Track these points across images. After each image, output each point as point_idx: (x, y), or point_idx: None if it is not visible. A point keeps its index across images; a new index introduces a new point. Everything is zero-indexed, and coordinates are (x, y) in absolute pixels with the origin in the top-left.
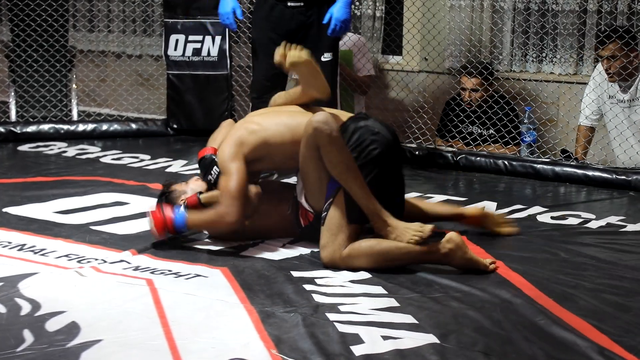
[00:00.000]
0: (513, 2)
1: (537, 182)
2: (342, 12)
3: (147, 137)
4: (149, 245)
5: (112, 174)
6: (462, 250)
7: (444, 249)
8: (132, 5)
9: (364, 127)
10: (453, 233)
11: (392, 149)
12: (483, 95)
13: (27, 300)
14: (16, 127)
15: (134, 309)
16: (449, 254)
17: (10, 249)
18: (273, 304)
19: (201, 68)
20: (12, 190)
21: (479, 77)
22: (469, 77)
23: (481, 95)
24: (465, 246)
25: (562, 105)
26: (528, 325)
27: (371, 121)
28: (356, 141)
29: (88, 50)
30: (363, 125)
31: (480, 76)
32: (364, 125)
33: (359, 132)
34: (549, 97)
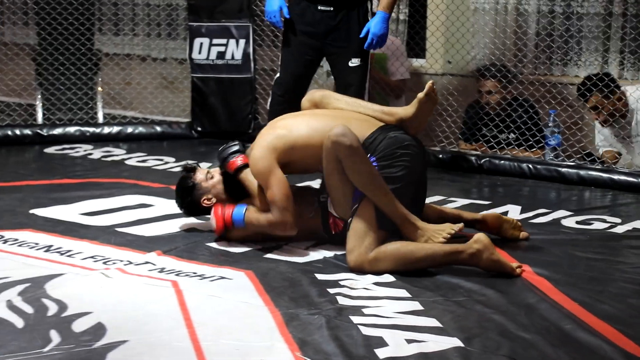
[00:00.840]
0: (537, 5)
1: (561, 186)
2: (379, 27)
3: (171, 139)
4: (174, 247)
5: (137, 176)
6: (490, 251)
7: (471, 250)
8: (157, 9)
9: (393, 137)
10: (481, 234)
11: (419, 160)
12: (502, 98)
13: (54, 301)
14: (43, 129)
15: (159, 310)
16: (476, 254)
17: (37, 250)
18: (297, 307)
19: (225, 71)
20: (38, 192)
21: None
22: (485, 79)
23: (500, 98)
24: (493, 247)
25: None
26: (553, 330)
27: (400, 132)
28: (384, 151)
29: (113, 53)
30: (392, 135)
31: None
32: (394, 136)
33: (388, 143)
34: (574, 100)
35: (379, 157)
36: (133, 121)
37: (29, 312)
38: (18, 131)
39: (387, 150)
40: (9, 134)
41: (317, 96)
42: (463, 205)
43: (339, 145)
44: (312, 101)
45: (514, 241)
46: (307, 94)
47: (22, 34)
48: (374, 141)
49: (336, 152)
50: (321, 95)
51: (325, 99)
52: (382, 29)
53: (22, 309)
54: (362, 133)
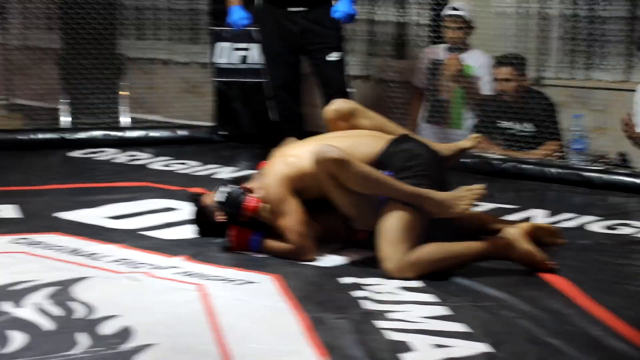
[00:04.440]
0: (560, 9)
1: (587, 190)
2: (346, 5)
3: (195, 143)
4: (200, 251)
5: (161, 180)
6: (522, 241)
7: (504, 241)
8: (180, 14)
9: (406, 150)
10: (511, 226)
11: (435, 166)
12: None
13: (82, 304)
14: (67, 133)
15: (186, 313)
16: (509, 245)
17: (64, 253)
18: (323, 311)
19: (248, 75)
20: (63, 195)
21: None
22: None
23: (516, 86)
24: (524, 237)
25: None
26: (581, 336)
27: (412, 143)
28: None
29: (137, 57)
30: (405, 148)
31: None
32: (406, 149)
33: (401, 155)
34: (598, 104)
35: (397, 171)
36: (157, 125)
37: (56, 314)
38: (43, 135)
39: (402, 164)
40: (34, 138)
41: (345, 109)
42: (488, 210)
43: (324, 164)
44: (339, 112)
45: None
46: (333, 103)
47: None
48: (387, 156)
49: (325, 171)
50: (350, 109)
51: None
52: (349, 8)
53: (50, 312)
54: (373, 149)
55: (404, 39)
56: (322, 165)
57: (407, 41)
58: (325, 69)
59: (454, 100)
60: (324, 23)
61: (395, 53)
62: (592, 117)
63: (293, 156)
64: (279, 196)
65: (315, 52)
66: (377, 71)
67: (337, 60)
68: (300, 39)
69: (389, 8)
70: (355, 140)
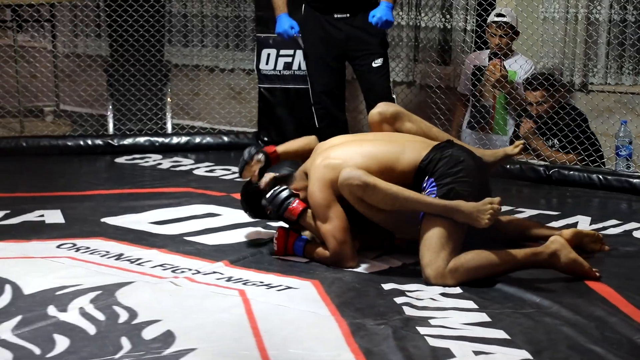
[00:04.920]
0: (609, 14)
1: (633, 197)
2: (383, 11)
3: (238, 149)
4: (242, 256)
5: (205, 185)
6: (567, 250)
7: (549, 250)
8: (225, 21)
9: (448, 156)
10: (557, 235)
11: (477, 173)
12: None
13: (125, 309)
14: (113, 139)
15: (227, 319)
16: (554, 254)
17: (108, 258)
18: (363, 317)
19: (292, 82)
20: (109, 201)
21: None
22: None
23: (549, 107)
24: (569, 246)
25: None
26: (625, 343)
27: (455, 149)
28: (442, 172)
29: (182, 64)
30: (448, 154)
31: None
32: (449, 154)
33: (444, 162)
34: None
35: (437, 178)
36: (201, 131)
37: (100, 319)
38: (90, 141)
39: (444, 171)
40: (82, 144)
41: (389, 112)
42: (531, 216)
43: (351, 188)
44: (383, 115)
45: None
46: (377, 107)
47: (94, 46)
48: (429, 162)
49: (353, 194)
50: (394, 112)
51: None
52: (387, 14)
53: (94, 316)
54: (417, 155)
55: (449, 45)
56: (349, 190)
57: (452, 47)
58: (368, 75)
59: (497, 106)
60: (368, 29)
61: (440, 59)
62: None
63: (337, 159)
64: (323, 202)
65: (359, 59)
66: (421, 77)
67: (380, 66)
68: (345, 46)
69: (434, 14)
70: (398, 145)
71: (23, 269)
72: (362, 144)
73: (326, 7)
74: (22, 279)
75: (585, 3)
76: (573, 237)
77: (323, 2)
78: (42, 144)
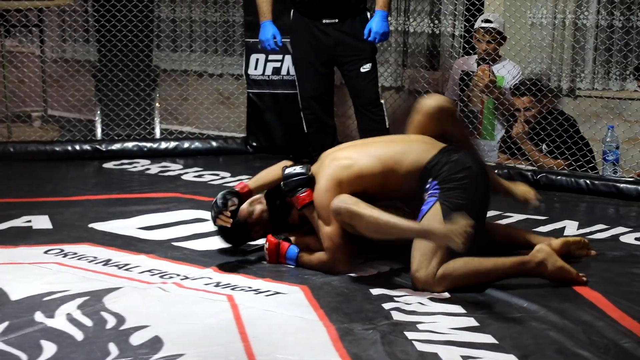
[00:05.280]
0: (596, 20)
1: (620, 202)
2: (380, 25)
3: (227, 154)
4: (230, 261)
5: (193, 191)
6: (553, 258)
7: (535, 259)
8: (214, 26)
9: (454, 161)
10: (543, 244)
11: (480, 182)
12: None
13: (112, 314)
14: (101, 145)
15: (215, 324)
16: (541, 262)
17: (96, 263)
18: (351, 322)
19: (281, 87)
20: (97, 206)
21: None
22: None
23: (537, 112)
24: (555, 255)
25: None
26: (612, 348)
27: (463, 155)
28: (446, 176)
29: (171, 69)
30: (454, 159)
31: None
32: (455, 159)
33: (450, 167)
34: (633, 115)
35: (441, 181)
36: (189, 136)
37: (88, 325)
38: (78, 146)
39: (449, 175)
40: (69, 150)
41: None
42: (519, 221)
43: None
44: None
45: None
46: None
47: (82, 51)
48: (435, 165)
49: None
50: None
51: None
52: (384, 27)
53: (81, 322)
54: (423, 156)
55: (438, 50)
56: (339, 219)
57: (440, 52)
58: (357, 80)
59: (485, 111)
60: (357, 35)
61: (429, 64)
62: (627, 128)
63: (347, 159)
64: (327, 203)
65: (347, 64)
66: (410, 82)
67: (368, 72)
68: (333, 51)
69: (423, 19)
70: (403, 145)
71: (10, 274)
72: (366, 145)
73: (315, 13)
74: (9, 284)
75: (572, 9)
76: (562, 247)
77: (311, 8)
78: (30, 150)
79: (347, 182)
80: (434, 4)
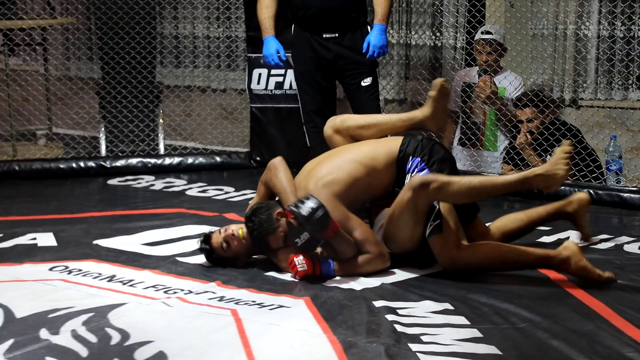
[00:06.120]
0: (597, 30)
1: (623, 211)
2: (378, 38)
3: (231, 169)
4: (233, 276)
5: (198, 206)
6: (578, 257)
7: (561, 256)
8: (217, 42)
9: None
10: (570, 241)
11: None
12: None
13: (117, 330)
14: (106, 161)
15: (219, 338)
16: (566, 260)
17: (101, 280)
18: (355, 334)
19: (283, 101)
20: (102, 223)
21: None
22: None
23: (540, 123)
24: (581, 254)
25: None
26: (615, 357)
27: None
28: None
29: (174, 85)
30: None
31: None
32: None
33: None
34: (636, 124)
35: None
36: (193, 152)
37: (92, 341)
38: (82, 163)
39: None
40: (74, 167)
41: (337, 122)
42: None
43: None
44: (333, 128)
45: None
46: (327, 123)
47: (86, 69)
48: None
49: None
50: (341, 120)
51: (345, 123)
52: (382, 40)
53: (86, 338)
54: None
55: (440, 62)
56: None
57: (443, 64)
58: (358, 94)
59: (487, 122)
60: (357, 49)
61: (431, 76)
62: (630, 138)
63: (329, 174)
64: (342, 216)
65: (348, 78)
66: (412, 94)
67: (369, 85)
68: (334, 65)
69: (425, 32)
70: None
71: (15, 292)
72: (337, 155)
73: (315, 27)
74: (14, 302)
75: (573, 19)
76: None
77: (312, 22)
78: (35, 167)
79: (342, 193)
80: (436, 16)
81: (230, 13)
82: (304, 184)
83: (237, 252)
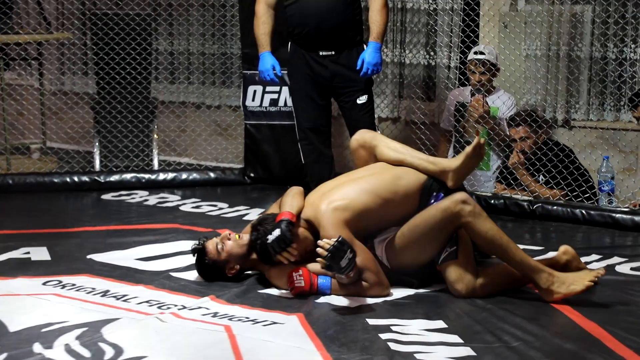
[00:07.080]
0: (590, 51)
1: (615, 232)
2: (373, 56)
3: (225, 185)
4: (227, 292)
5: (192, 221)
6: (577, 261)
7: (561, 261)
8: (212, 58)
9: None
10: (567, 246)
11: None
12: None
13: (110, 345)
14: (100, 176)
15: (213, 354)
16: (566, 264)
17: (94, 294)
18: (349, 352)
19: (278, 118)
20: (95, 237)
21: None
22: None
23: (533, 143)
24: (579, 258)
25: None
26: None
27: None
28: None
29: (169, 101)
30: None
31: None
32: None
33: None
34: (628, 145)
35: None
36: (187, 167)
37: (86, 356)
38: (76, 178)
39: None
40: (68, 181)
41: (367, 138)
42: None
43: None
44: (360, 142)
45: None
46: (356, 134)
47: (81, 84)
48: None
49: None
50: (372, 137)
51: (373, 142)
52: (376, 57)
53: (79, 353)
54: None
55: (433, 81)
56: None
57: (436, 83)
58: (353, 112)
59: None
60: (353, 67)
61: (425, 95)
62: (622, 159)
63: (342, 199)
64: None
65: (344, 95)
66: (406, 113)
67: (365, 103)
68: (330, 83)
69: (419, 51)
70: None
71: (8, 306)
72: (356, 182)
73: (311, 45)
74: (7, 316)
75: (566, 40)
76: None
77: (308, 40)
78: (29, 181)
79: (350, 220)
80: (430, 36)
81: (226, 30)
82: (317, 203)
83: (230, 254)
